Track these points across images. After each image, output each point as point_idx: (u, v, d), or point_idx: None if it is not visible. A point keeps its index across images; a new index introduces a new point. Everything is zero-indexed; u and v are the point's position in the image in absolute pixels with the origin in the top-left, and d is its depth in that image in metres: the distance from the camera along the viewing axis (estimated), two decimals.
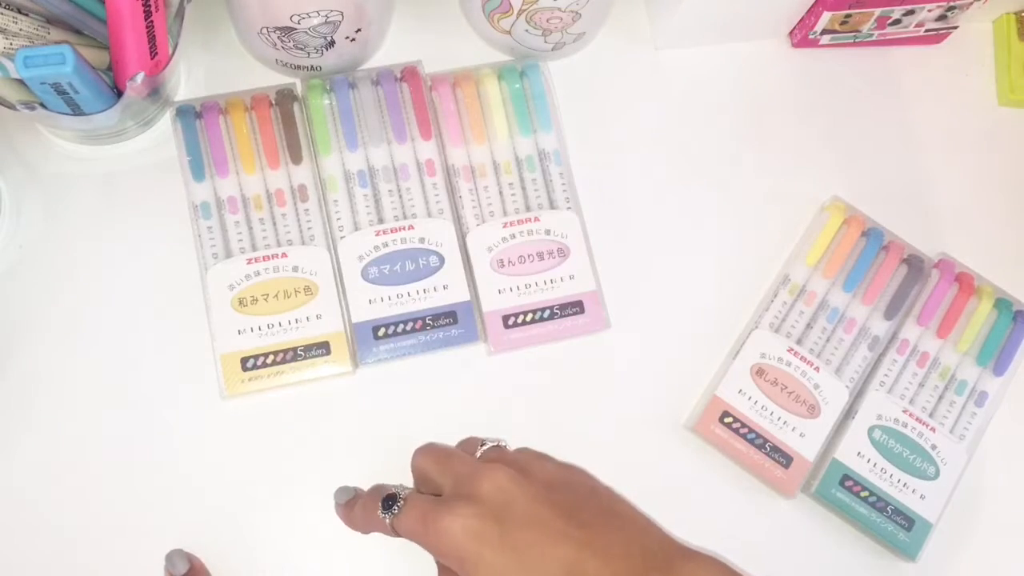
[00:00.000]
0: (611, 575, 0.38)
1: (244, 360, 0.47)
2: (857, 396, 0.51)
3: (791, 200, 0.55)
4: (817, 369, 0.51)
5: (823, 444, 0.50)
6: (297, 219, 0.49)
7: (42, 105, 0.43)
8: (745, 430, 0.50)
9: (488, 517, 0.39)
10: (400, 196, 0.50)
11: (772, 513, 0.50)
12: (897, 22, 0.55)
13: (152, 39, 0.43)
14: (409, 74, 0.51)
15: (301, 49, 0.48)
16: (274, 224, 0.49)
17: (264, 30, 0.47)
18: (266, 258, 0.48)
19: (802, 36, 0.56)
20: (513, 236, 0.50)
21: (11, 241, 0.48)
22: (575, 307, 0.50)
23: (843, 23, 0.54)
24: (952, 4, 0.53)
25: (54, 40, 0.45)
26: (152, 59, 0.43)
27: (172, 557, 0.45)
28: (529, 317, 0.50)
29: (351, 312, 0.48)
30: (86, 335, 0.48)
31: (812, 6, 0.53)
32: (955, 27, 0.56)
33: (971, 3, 0.53)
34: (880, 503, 0.50)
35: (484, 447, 0.44)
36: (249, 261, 0.48)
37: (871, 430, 0.51)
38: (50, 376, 0.47)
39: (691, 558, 0.39)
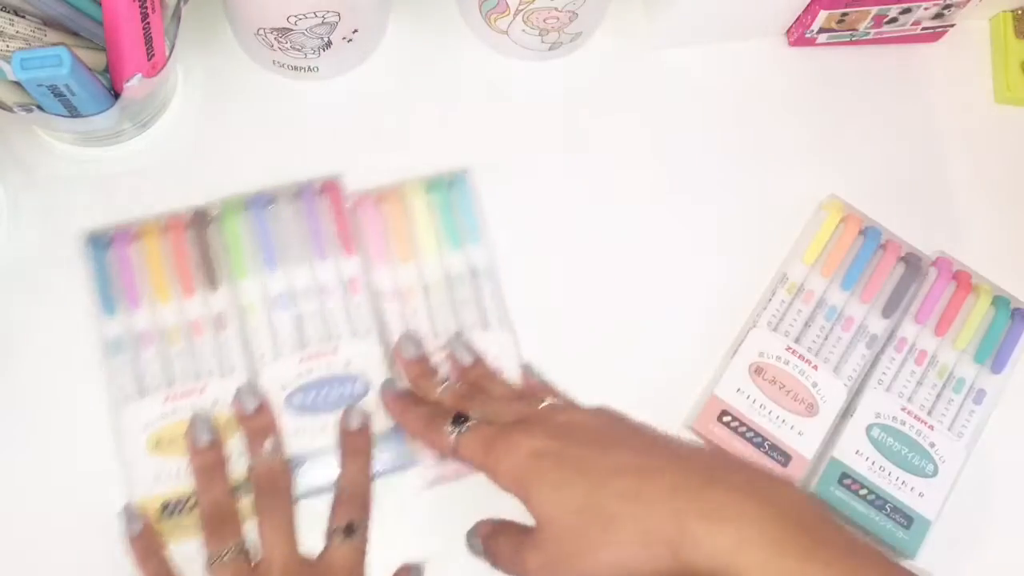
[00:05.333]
0: (679, 470, 0.39)
1: (164, 506, 0.45)
2: (855, 394, 0.51)
3: (789, 199, 0.54)
4: (815, 367, 0.51)
5: (821, 442, 0.50)
6: (216, 348, 0.47)
7: (39, 107, 0.42)
8: (743, 429, 0.50)
9: (552, 437, 0.41)
10: (324, 317, 0.48)
11: None
12: (894, 20, 0.55)
13: (149, 41, 0.43)
14: (329, 187, 0.50)
15: (298, 50, 0.48)
16: (191, 356, 0.47)
17: (261, 31, 0.47)
18: (183, 394, 0.46)
19: (799, 35, 0.56)
20: (447, 360, 0.48)
21: (8, 243, 0.48)
22: None
23: (840, 22, 0.54)
24: (948, 2, 0.53)
25: (51, 42, 0.45)
26: (149, 61, 0.43)
27: (198, 420, 0.45)
28: None
29: None
30: None
31: (809, 5, 0.53)
32: (952, 25, 0.57)
33: (967, 1, 0.53)
34: (879, 501, 0.50)
35: (544, 403, 0.45)
36: (165, 399, 0.46)
37: (869, 428, 0.51)
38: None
39: (751, 465, 0.41)
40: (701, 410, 0.50)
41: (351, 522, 0.45)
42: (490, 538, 0.45)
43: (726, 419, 0.50)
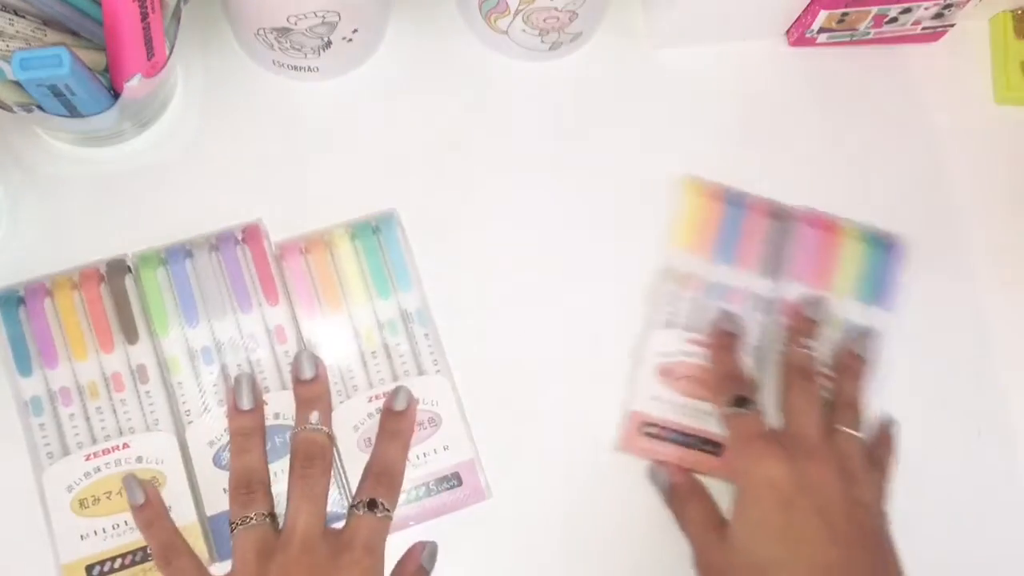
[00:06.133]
0: None
1: (89, 568, 0.44)
2: (766, 363, 0.51)
3: (788, 198, 0.54)
4: None
5: None
6: (139, 403, 0.46)
7: (39, 107, 0.42)
8: (669, 434, 0.50)
9: (797, 487, 0.44)
10: (252, 370, 0.47)
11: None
12: (894, 20, 0.55)
13: (149, 41, 0.43)
14: (250, 234, 0.48)
15: (298, 50, 0.48)
16: (114, 412, 0.46)
17: (261, 31, 0.47)
18: (106, 451, 0.45)
19: (799, 35, 0.56)
20: (379, 411, 0.48)
21: (8, 243, 0.48)
22: (452, 480, 0.48)
23: (840, 22, 0.54)
24: (948, 2, 0.53)
25: (51, 42, 0.45)
26: (149, 60, 0.43)
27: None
28: (402, 499, 0.47)
29: (205, 503, 0.46)
30: None
31: (809, 5, 0.53)
32: (952, 25, 0.56)
33: (967, 1, 0.53)
34: None
35: (849, 431, 0.48)
36: (87, 457, 0.45)
37: None
38: None
39: None
40: (624, 429, 0.50)
41: (373, 499, 0.44)
42: (687, 498, 0.48)
43: (650, 430, 0.49)
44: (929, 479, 0.52)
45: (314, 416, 0.45)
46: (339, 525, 0.45)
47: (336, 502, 0.46)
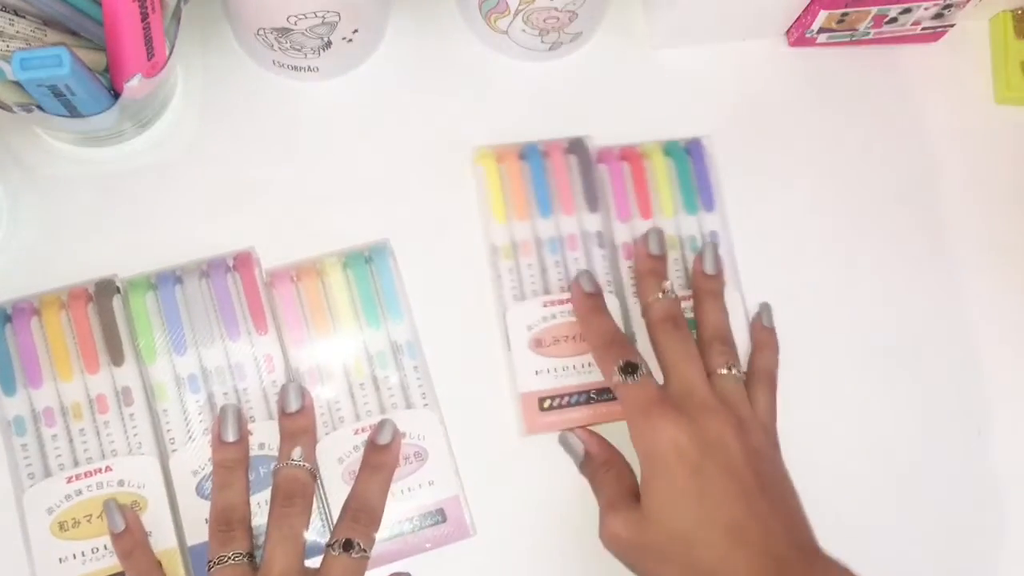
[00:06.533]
0: (764, 549, 0.42)
1: None
2: (624, 300, 0.51)
3: (789, 196, 0.54)
4: None
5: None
6: (123, 425, 0.46)
7: (39, 107, 0.42)
8: (566, 399, 0.49)
9: (701, 449, 0.44)
10: (238, 399, 0.47)
11: None
12: (894, 20, 0.55)
13: (149, 41, 0.43)
14: (241, 263, 0.48)
15: (298, 50, 0.48)
16: (97, 434, 0.45)
17: (261, 31, 0.47)
18: (88, 474, 0.44)
19: (799, 35, 0.56)
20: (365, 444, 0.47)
21: (8, 243, 0.48)
22: (436, 516, 0.47)
23: (840, 22, 0.54)
24: (949, 2, 0.53)
25: (51, 42, 0.45)
26: (149, 61, 0.43)
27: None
28: (385, 534, 0.46)
29: (186, 533, 0.45)
30: None
31: (809, 5, 0.53)
32: (952, 25, 0.56)
33: (967, 1, 0.53)
34: None
35: (727, 371, 0.47)
36: (69, 479, 0.44)
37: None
38: None
39: (828, 563, 0.43)
40: (522, 413, 0.49)
41: (350, 539, 0.44)
42: (602, 467, 0.47)
43: (547, 405, 0.49)
44: (929, 479, 0.52)
45: (296, 452, 0.45)
46: (318, 560, 0.44)
47: (319, 532, 0.46)
